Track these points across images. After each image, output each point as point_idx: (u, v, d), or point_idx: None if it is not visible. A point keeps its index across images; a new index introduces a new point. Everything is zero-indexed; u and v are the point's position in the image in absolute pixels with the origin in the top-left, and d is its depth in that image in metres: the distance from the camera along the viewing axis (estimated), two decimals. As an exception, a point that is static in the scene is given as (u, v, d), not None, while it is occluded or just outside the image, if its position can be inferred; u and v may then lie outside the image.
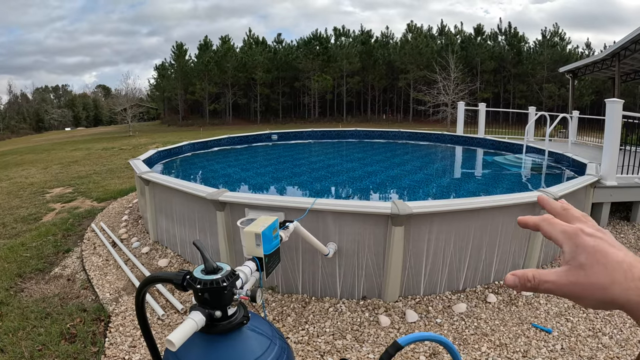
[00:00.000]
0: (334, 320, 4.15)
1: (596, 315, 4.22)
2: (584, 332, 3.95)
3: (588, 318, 4.18)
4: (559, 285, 0.57)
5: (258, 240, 2.32)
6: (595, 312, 4.27)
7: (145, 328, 1.67)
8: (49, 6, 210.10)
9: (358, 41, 61.78)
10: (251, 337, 1.53)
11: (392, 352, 1.47)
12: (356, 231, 4.33)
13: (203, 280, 1.42)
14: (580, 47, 57.77)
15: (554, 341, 3.80)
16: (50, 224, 8.12)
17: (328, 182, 8.36)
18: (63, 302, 4.82)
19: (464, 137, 14.35)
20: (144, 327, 1.66)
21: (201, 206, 5.23)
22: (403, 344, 1.49)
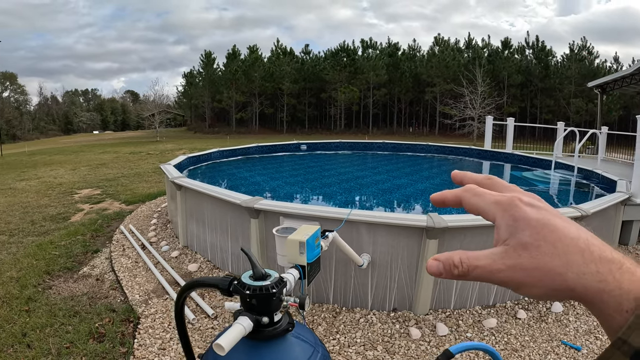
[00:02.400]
0: (365, 331, 4.17)
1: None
2: (612, 350, 3.90)
3: (617, 336, 4.13)
4: (493, 271, 0.45)
5: (302, 249, 2.35)
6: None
7: (182, 331, 1.71)
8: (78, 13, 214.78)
9: (385, 53, 61.78)
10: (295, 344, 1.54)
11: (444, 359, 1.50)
12: (390, 243, 4.36)
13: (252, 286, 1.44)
14: (608, 61, 56.85)
15: (583, 359, 3.78)
16: (79, 224, 8.26)
17: (358, 193, 8.40)
18: (92, 302, 4.89)
19: (492, 152, 14.27)
20: (182, 330, 1.70)
21: (234, 213, 5.29)
22: (454, 352, 1.52)
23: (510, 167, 12.45)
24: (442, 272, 0.48)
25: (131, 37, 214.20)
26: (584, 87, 40.28)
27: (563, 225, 0.45)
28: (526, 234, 0.44)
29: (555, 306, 4.70)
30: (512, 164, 12.76)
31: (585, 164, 10.21)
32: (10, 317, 4.44)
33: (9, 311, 4.59)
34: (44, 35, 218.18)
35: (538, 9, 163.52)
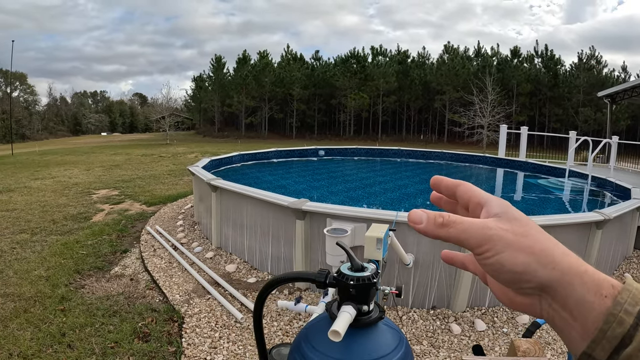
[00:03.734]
0: (409, 327, 4.38)
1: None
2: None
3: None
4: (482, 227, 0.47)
5: (379, 245, 2.53)
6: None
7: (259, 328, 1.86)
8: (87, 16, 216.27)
9: (395, 61, 61.79)
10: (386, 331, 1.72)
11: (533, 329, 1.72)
12: (433, 243, 4.53)
13: (355, 277, 1.61)
14: (616, 71, 56.77)
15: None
16: (103, 224, 8.36)
17: (384, 197, 8.60)
18: (129, 301, 4.92)
19: (505, 160, 14.42)
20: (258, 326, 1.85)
21: (277, 214, 5.46)
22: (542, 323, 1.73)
23: (524, 175, 12.58)
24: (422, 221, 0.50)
25: (139, 41, 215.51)
26: (592, 96, 40.42)
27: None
28: (518, 213, 0.48)
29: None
30: (526, 172, 12.89)
31: (597, 173, 10.38)
32: (46, 317, 4.46)
33: (43, 310, 4.62)
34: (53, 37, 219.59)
35: (545, 17, 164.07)
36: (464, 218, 0.48)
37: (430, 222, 0.49)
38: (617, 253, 6.29)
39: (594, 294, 0.42)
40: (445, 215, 0.49)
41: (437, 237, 0.50)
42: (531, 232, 0.46)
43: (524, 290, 0.46)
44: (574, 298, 0.43)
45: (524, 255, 0.44)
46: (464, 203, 0.54)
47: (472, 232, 0.47)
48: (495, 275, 0.47)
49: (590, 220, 5.10)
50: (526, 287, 0.45)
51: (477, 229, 0.47)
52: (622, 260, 6.67)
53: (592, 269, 0.44)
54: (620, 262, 6.54)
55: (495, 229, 0.46)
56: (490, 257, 0.46)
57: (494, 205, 0.49)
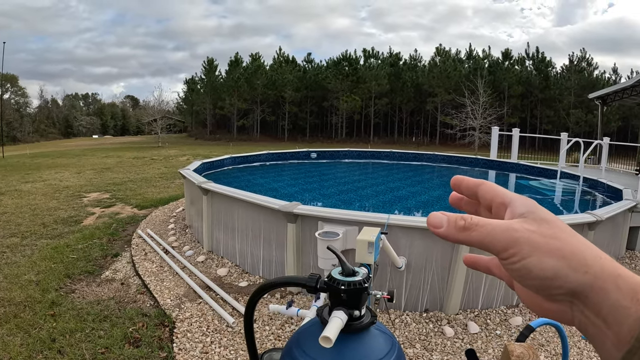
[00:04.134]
0: (402, 331, 4.36)
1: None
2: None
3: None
4: (507, 229, 0.44)
5: (370, 248, 2.51)
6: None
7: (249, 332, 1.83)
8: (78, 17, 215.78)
9: (387, 63, 61.92)
10: (378, 335, 1.69)
11: (527, 333, 1.71)
12: (426, 246, 4.56)
13: (346, 282, 1.58)
14: (607, 72, 57.30)
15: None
16: (94, 227, 8.30)
17: (375, 200, 8.58)
18: (120, 306, 4.88)
19: (498, 162, 14.46)
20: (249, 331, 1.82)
21: (268, 217, 5.43)
22: (535, 327, 1.71)
23: (515, 177, 12.62)
24: (442, 224, 0.47)
25: (131, 43, 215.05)
26: (583, 98, 40.67)
27: None
28: (545, 213, 0.45)
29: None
30: (517, 174, 12.94)
31: (589, 174, 10.44)
32: (36, 322, 4.42)
33: (33, 315, 4.57)
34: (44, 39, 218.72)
35: (536, 20, 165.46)
36: (487, 220, 0.45)
37: (451, 225, 0.46)
38: (609, 254, 6.22)
39: (629, 299, 0.38)
40: (467, 218, 0.46)
41: (459, 242, 0.47)
42: (561, 233, 0.43)
43: (554, 296, 0.43)
44: (607, 304, 0.39)
45: (554, 260, 0.41)
46: (487, 203, 0.51)
47: (496, 235, 0.44)
48: (522, 281, 0.44)
49: (582, 222, 5.13)
50: (556, 293, 0.42)
51: (502, 231, 0.44)
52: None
53: (627, 272, 0.41)
54: (612, 263, 6.57)
55: (521, 230, 0.43)
56: (517, 261, 0.43)
57: (518, 205, 0.46)
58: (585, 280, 0.40)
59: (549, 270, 0.41)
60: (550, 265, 0.41)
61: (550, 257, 0.41)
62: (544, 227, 0.43)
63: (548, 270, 0.41)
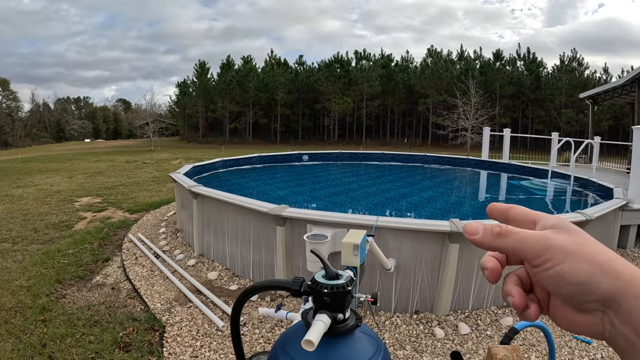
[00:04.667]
0: (392, 332, 4.35)
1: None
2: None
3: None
4: (541, 237, 0.45)
5: (356, 251, 2.50)
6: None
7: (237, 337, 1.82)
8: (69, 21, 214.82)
9: (378, 65, 62.07)
10: (363, 338, 1.68)
11: (512, 335, 1.70)
12: (415, 247, 4.56)
13: (329, 285, 1.58)
14: (598, 72, 57.77)
15: (594, 351, 4.06)
16: (85, 232, 8.24)
17: (366, 202, 8.56)
18: (110, 311, 4.85)
19: (489, 162, 14.49)
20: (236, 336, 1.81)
21: (258, 221, 5.41)
22: (519, 329, 1.71)
23: (507, 177, 12.65)
24: (478, 231, 0.49)
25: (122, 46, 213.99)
26: (574, 97, 40.89)
27: None
28: (574, 226, 0.46)
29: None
30: (509, 174, 12.97)
31: (580, 173, 10.48)
32: (26, 327, 4.39)
33: (24, 321, 4.54)
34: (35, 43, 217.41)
35: (526, 21, 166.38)
36: (521, 229, 0.47)
37: (487, 232, 0.48)
38: (600, 253, 6.33)
39: None
40: (502, 226, 0.48)
41: (494, 248, 0.49)
42: (592, 243, 0.45)
43: (586, 305, 0.43)
44: (638, 312, 0.39)
45: (587, 264, 0.42)
46: (518, 224, 0.52)
47: (530, 241, 0.46)
48: (555, 289, 0.45)
49: (573, 221, 5.12)
50: (588, 300, 0.43)
51: (536, 238, 0.46)
52: (606, 259, 6.72)
53: None
54: (603, 262, 6.58)
55: (554, 238, 0.45)
56: (551, 267, 0.44)
57: (548, 220, 0.48)
58: (617, 285, 0.41)
59: (582, 275, 0.42)
60: (584, 270, 0.42)
61: (583, 262, 0.42)
62: (576, 236, 0.45)
63: (581, 275, 0.42)
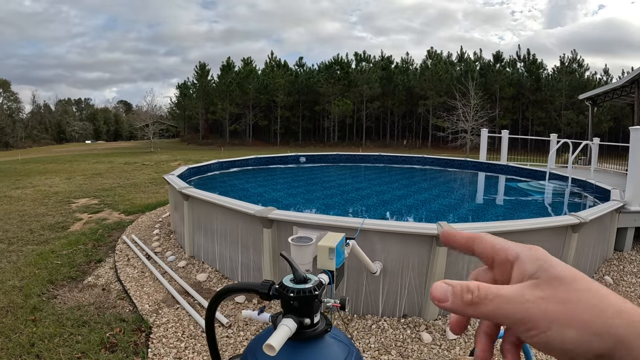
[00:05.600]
0: (378, 337, 4.28)
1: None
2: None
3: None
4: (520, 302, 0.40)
5: (331, 254, 2.45)
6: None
7: (212, 339, 1.78)
8: (70, 23, 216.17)
9: (378, 66, 62.16)
10: (333, 344, 1.63)
11: None
12: (401, 250, 4.49)
13: (296, 289, 1.53)
14: (598, 74, 57.72)
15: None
16: (80, 233, 8.25)
17: (359, 204, 8.51)
18: (100, 311, 4.86)
19: (487, 164, 14.44)
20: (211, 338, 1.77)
21: (246, 223, 5.36)
22: None
23: (505, 179, 12.60)
24: (448, 298, 0.43)
25: (122, 48, 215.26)
26: (574, 99, 40.84)
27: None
28: (560, 268, 0.41)
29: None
30: (507, 175, 12.92)
31: (578, 175, 10.40)
32: (16, 327, 4.42)
33: (14, 320, 4.56)
34: (36, 44, 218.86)
35: (526, 22, 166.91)
36: (496, 290, 0.41)
37: (457, 299, 0.42)
38: (596, 255, 6.23)
39: None
40: (474, 290, 0.41)
41: (469, 316, 0.44)
42: (578, 293, 0.39)
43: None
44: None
45: (574, 330, 0.38)
46: (488, 261, 0.48)
47: (507, 310, 0.40)
48: (544, 351, 0.40)
49: (566, 224, 5.05)
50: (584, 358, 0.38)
51: (513, 305, 0.40)
52: (602, 263, 6.59)
53: None
54: (599, 264, 6.46)
55: (533, 301, 0.39)
56: (535, 335, 0.39)
57: (526, 262, 0.43)
58: (609, 343, 0.37)
59: (569, 342, 0.38)
60: (571, 337, 0.38)
61: (569, 329, 0.38)
62: (559, 289, 0.39)
63: (569, 342, 0.38)
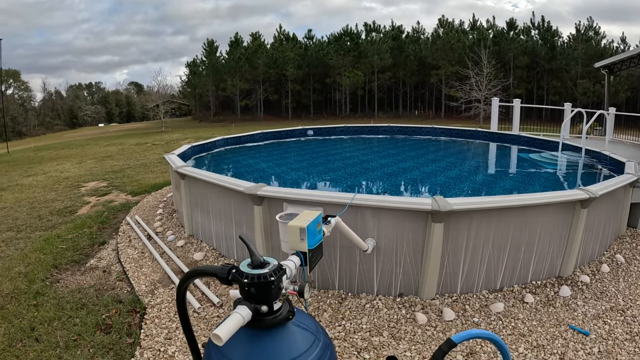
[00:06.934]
0: (371, 317, 4.14)
1: (634, 319, 4.13)
2: (621, 335, 3.86)
3: (626, 321, 4.09)
4: None
5: (302, 235, 2.30)
6: (633, 316, 4.18)
7: (185, 321, 1.66)
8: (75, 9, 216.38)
9: (389, 37, 61.43)
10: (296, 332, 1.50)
11: (446, 349, 1.46)
12: (395, 227, 4.31)
13: (250, 275, 1.39)
14: (615, 42, 56.06)
15: (591, 344, 3.73)
16: (86, 216, 8.29)
17: (363, 177, 8.36)
18: (98, 294, 4.92)
19: (498, 134, 14.11)
20: (184, 320, 1.66)
21: (238, 200, 5.26)
22: (457, 342, 1.47)
23: (517, 149, 12.31)
24: None
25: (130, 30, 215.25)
26: (590, 68, 39.96)
27: None
28: None
29: (564, 290, 4.64)
30: (519, 146, 12.62)
31: (593, 146, 10.02)
32: (19, 312, 4.48)
33: (18, 306, 4.63)
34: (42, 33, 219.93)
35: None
36: None
37: None
38: (608, 232, 5.92)
39: None
40: None
41: None
42: None
43: None
44: None
45: None
46: None
47: None
48: None
49: (574, 199, 4.73)
50: None
51: None
52: (614, 240, 6.30)
53: None
54: (611, 241, 6.17)
55: None
56: None
57: None
58: None
59: None
60: None
61: None
62: None
63: None
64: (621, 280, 5.00)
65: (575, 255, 4.96)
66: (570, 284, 4.82)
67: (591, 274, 5.13)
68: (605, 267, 5.32)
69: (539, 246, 4.70)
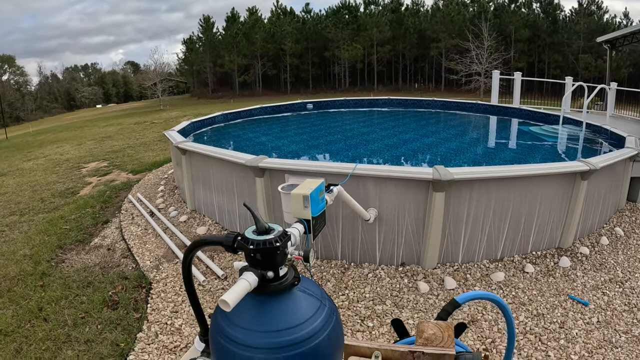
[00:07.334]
0: (374, 286, 4.20)
1: (632, 291, 4.18)
2: (620, 306, 3.92)
3: (624, 293, 4.15)
4: None
5: (306, 202, 2.32)
6: (631, 288, 4.23)
7: (191, 292, 1.68)
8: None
9: (388, 9, 60.67)
10: (302, 298, 1.51)
11: (450, 309, 1.48)
12: (397, 197, 4.33)
13: (256, 241, 1.40)
14: (618, 17, 55.35)
15: (590, 314, 3.79)
16: (88, 196, 8.33)
17: (363, 149, 8.37)
18: (104, 271, 4.98)
19: (498, 107, 14.04)
20: (191, 291, 1.67)
21: (239, 173, 5.28)
22: (461, 302, 1.49)
23: (517, 122, 12.26)
24: None
25: (124, 9, 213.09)
26: (592, 42, 39.46)
27: None
28: None
29: (563, 261, 4.69)
30: (519, 119, 12.56)
31: (593, 120, 9.99)
32: (26, 294, 4.53)
33: (24, 288, 4.68)
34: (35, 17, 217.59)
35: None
36: None
37: None
38: (608, 205, 5.96)
39: None
40: None
41: None
42: None
43: None
44: None
45: None
46: None
47: None
48: None
49: (574, 170, 4.75)
50: None
51: None
52: (614, 213, 6.34)
53: None
54: (611, 214, 6.21)
55: None
56: None
57: None
58: None
59: None
60: None
61: None
62: None
63: None
64: (620, 253, 5.05)
65: (575, 226, 4.99)
66: (570, 255, 4.87)
67: (590, 246, 5.18)
68: (604, 239, 5.36)
69: (539, 217, 4.73)
